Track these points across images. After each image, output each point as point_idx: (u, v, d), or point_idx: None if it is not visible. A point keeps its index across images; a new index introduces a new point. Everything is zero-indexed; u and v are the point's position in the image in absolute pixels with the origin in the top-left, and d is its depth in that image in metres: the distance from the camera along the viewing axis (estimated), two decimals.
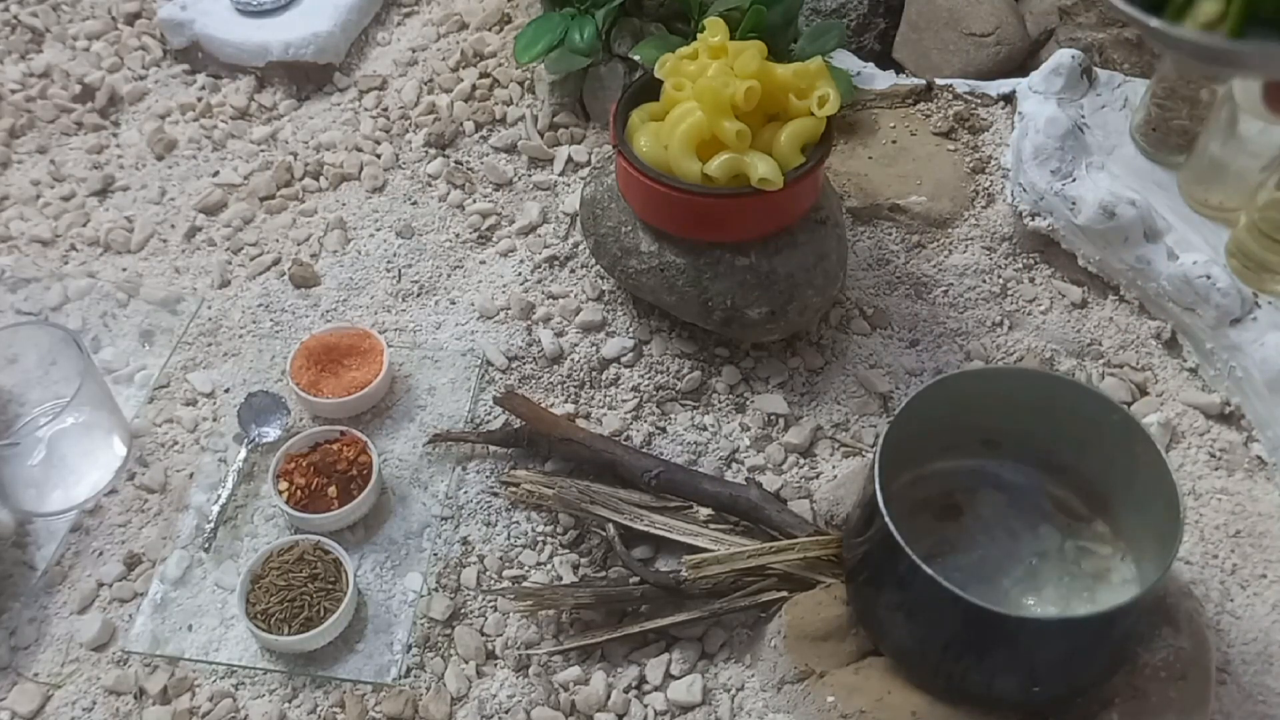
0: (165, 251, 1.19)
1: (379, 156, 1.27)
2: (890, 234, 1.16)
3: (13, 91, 1.35)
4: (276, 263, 1.18)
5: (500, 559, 0.94)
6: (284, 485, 0.96)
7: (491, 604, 0.92)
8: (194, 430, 1.04)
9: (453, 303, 1.13)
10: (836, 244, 1.03)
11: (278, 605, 0.88)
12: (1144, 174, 1.10)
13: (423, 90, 1.34)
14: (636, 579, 0.89)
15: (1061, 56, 1.17)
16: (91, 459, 1.00)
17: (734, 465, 1.00)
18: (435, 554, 0.94)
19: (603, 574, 0.93)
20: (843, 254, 1.04)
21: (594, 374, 1.06)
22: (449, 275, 1.16)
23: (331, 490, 0.95)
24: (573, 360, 1.07)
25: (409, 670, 0.88)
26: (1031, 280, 1.12)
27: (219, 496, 0.96)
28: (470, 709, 0.86)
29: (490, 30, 1.41)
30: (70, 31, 1.44)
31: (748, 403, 1.04)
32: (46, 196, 1.25)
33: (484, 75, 1.35)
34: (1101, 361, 1.06)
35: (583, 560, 0.94)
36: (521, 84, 1.33)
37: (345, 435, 0.98)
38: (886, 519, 0.75)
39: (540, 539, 0.95)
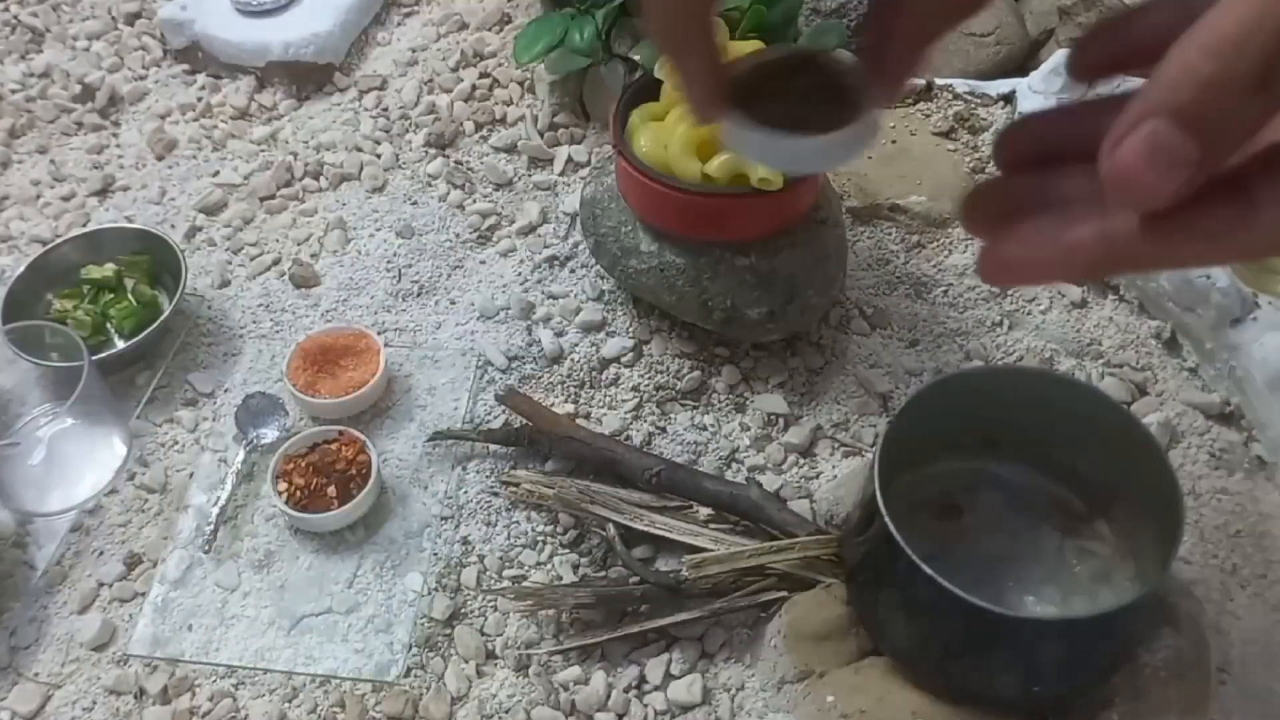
0: None
1: (379, 156, 1.27)
2: (890, 234, 1.16)
3: (13, 91, 1.35)
4: (277, 263, 1.18)
5: (500, 559, 0.94)
6: (283, 486, 0.96)
7: (491, 604, 0.92)
8: (194, 430, 1.04)
9: (453, 303, 1.13)
10: (836, 244, 1.03)
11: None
12: None
13: (423, 90, 1.34)
14: (636, 579, 0.89)
15: (1061, 56, 1.17)
16: (91, 459, 1.00)
17: (734, 465, 0.99)
18: (435, 554, 0.94)
19: (603, 574, 0.93)
20: (842, 254, 1.04)
21: (594, 374, 1.06)
22: (449, 275, 1.16)
23: (331, 490, 0.95)
24: (573, 360, 1.07)
25: (409, 670, 0.88)
26: None
27: (218, 498, 0.96)
28: (470, 709, 0.86)
29: (490, 30, 1.41)
30: (70, 31, 1.44)
31: (747, 402, 1.04)
32: (46, 196, 1.25)
33: (484, 75, 1.35)
34: (1101, 361, 1.06)
35: (583, 560, 0.94)
36: (521, 84, 1.33)
37: (344, 435, 0.99)
38: (886, 519, 0.75)
39: (540, 539, 0.95)
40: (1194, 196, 0.37)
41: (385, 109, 1.33)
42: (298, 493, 0.95)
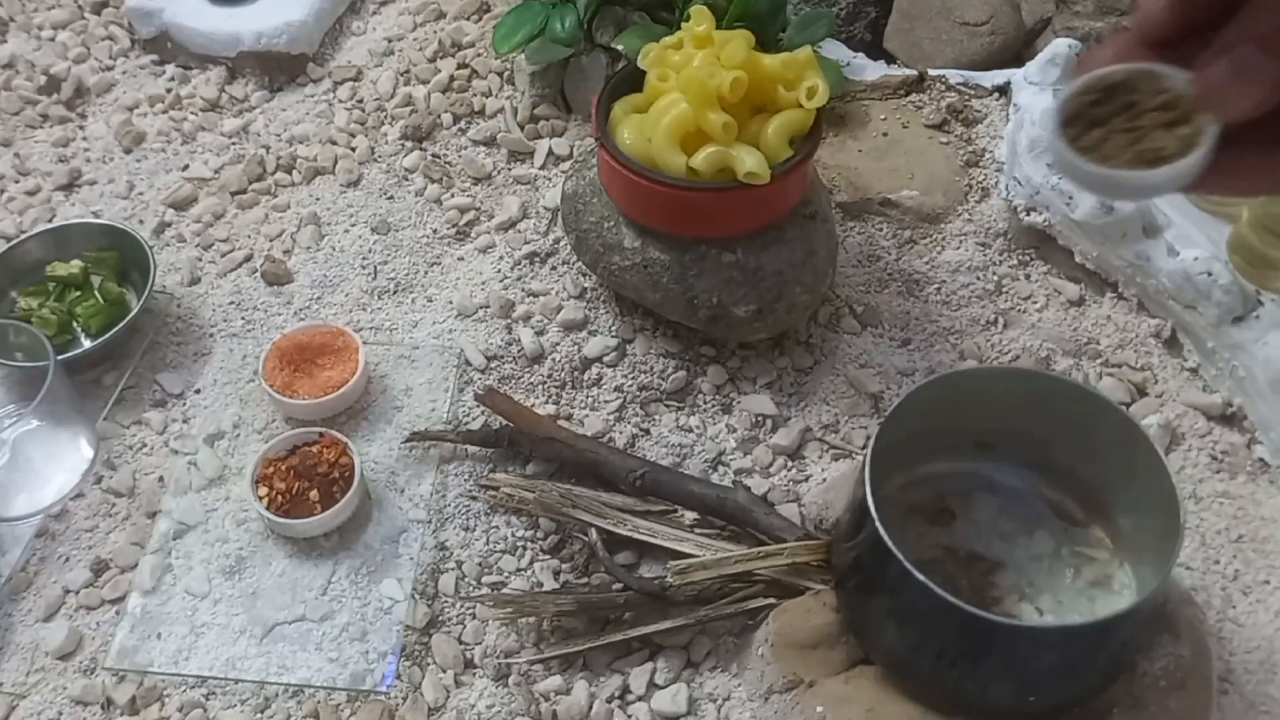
0: None
1: (354, 150, 1.26)
2: (881, 229, 1.15)
3: None
4: (248, 259, 1.16)
5: (479, 565, 0.93)
6: (264, 490, 0.94)
7: (470, 611, 0.90)
8: (163, 432, 1.02)
9: (430, 300, 1.12)
10: (825, 240, 1.01)
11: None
12: None
13: (399, 81, 1.33)
14: (620, 585, 0.88)
15: (1058, 46, 1.16)
16: (57, 462, 0.98)
17: (720, 468, 0.98)
18: (412, 560, 0.93)
19: (585, 580, 0.92)
20: (832, 250, 1.03)
21: (576, 374, 1.05)
22: (426, 272, 1.14)
23: (313, 494, 0.93)
24: (554, 360, 1.05)
25: (384, 679, 0.86)
26: (1027, 277, 1.11)
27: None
28: (448, 719, 0.85)
29: (468, 19, 1.39)
30: (35, 21, 1.42)
31: (734, 403, 1.02)
32: (11, 191, 1.23)
33: (462, 66, 1.34)
34: (1099, 361, 1.05)
35: (564, 566, 0.93)
36: (501, 75, 1.32)
37: (324, 437, 0.97)
38: (877, 523, 0.74)
39: (520, 544, 0.94)
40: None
41: (360, 100, 1.32)
42: (279, 497, 0.93)
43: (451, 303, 1.11)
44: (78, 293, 1.09)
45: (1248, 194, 0.85)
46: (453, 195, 1.21)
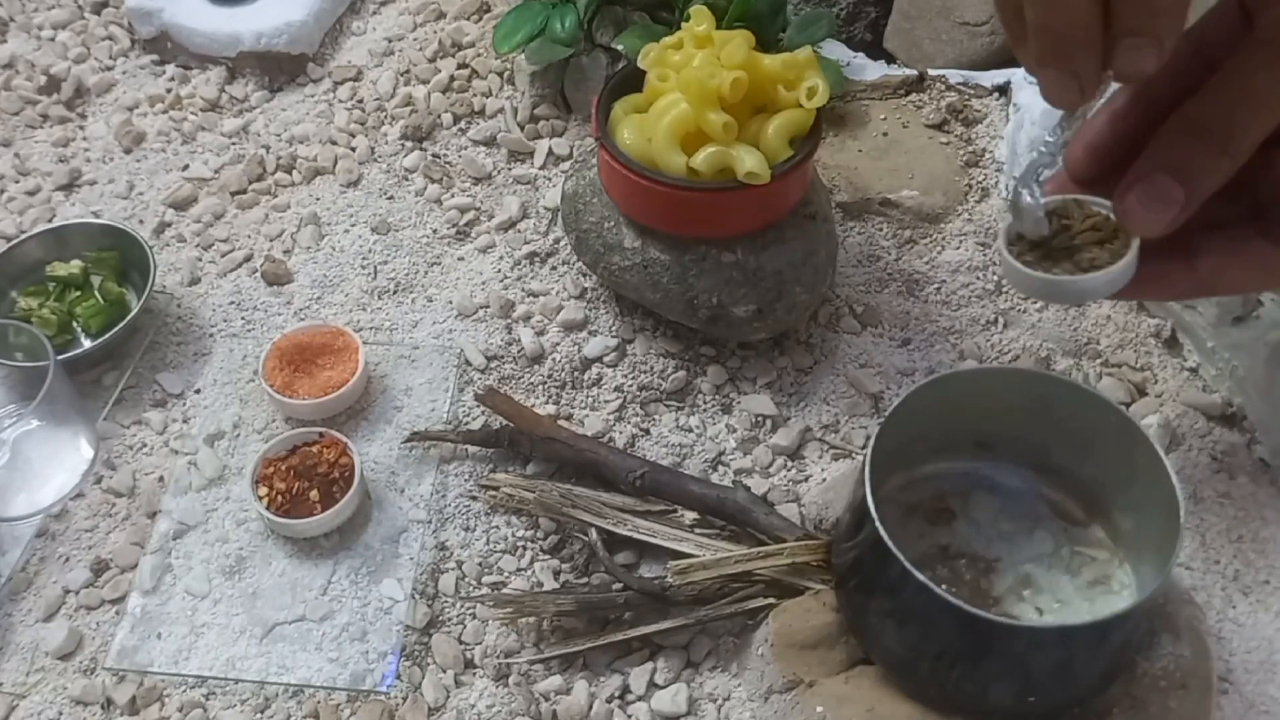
0: None
1: (354, 150, 1.25)
2: (881, 229, 1.15)
3: None
4: (248, 259, 1.15)
5: (479, 565, 0.92)
6: (264, 490, 0.93)
7: (470, 611, 0.90)
8: (163, 432, 1.02)
9: (430, 300, 1.11)
10: (825, 240, 1.01)
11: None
12: None
13: (399, 81, 1.32)
14: (620, 585, 0.87)
15: None
16: (57, 462, 0.97)
17: (720, 468, 0.98)
18: (412, 560, 0.92)
19: (585, 580, 0.91)
20: (832, 250, 1.02)
21: (576, 374, 1.04)
22: (426, 272, 1.14)
23: (314, 494, 0.93)
24: (554, 360, 1.05)
25: (384, 679, 0.86)
26: None
27: None
28: (448, 719, 0.84)
29: (468, 19, 1.39)
30: (35, 21, 1.41)
31: (734, 403, 1.02)
32: (11, 191, 1.22)
33: (462, 66, 1.33)
34: (1099, 361, 1.04)
35: (564, 566, 0.92)
36: (501, 75, 1.31)
37: (324, 437, 0.96)
38: (877, 523, 0.74)
39: (520, 544, 0.93)
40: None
41: (360, 100, 1.31)
42: (279, 497, 0.93)
43: (451, 303, 1.10)
44: (78, 293, 1.08)
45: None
46: (453, 195, 1.20)
